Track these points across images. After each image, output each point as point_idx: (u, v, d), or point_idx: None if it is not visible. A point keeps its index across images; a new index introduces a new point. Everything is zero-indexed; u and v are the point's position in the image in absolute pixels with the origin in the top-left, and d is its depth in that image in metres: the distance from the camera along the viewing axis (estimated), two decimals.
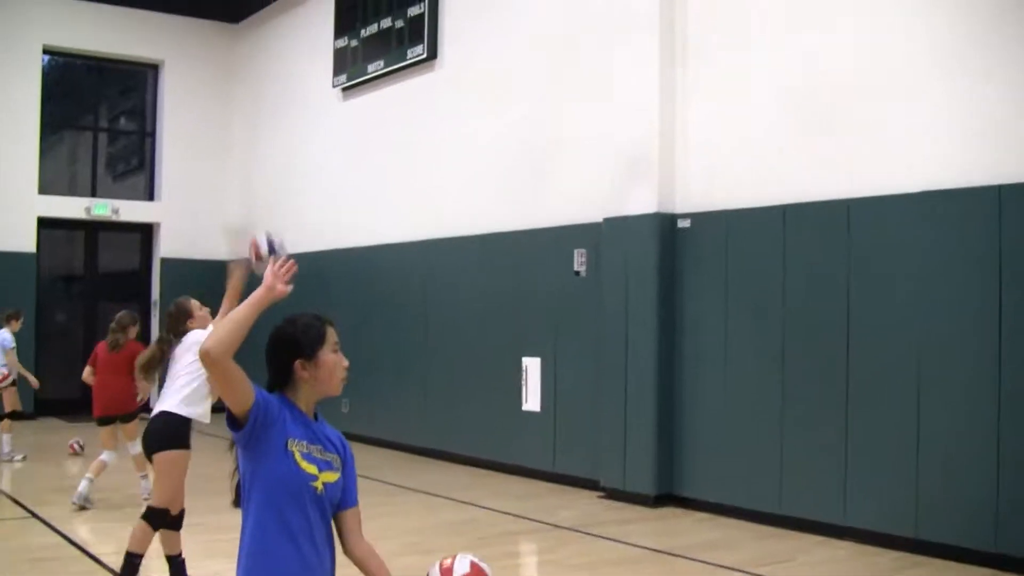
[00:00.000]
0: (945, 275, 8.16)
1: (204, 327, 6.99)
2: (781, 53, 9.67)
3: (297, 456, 3.36)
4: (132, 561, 6.72)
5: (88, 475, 10.10)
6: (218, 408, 4.45)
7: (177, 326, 7.07)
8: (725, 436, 9.89)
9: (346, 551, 3.55)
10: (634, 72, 10.74)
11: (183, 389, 6.78)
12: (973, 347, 7.95)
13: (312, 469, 3.38)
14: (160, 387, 7.11)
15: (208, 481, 6.87)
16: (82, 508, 9.92)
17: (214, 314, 6.81)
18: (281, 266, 3.47)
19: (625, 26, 10.88)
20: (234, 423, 3.32)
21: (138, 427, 9.96)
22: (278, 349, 3.50)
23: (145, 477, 10.09)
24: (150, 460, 6.83)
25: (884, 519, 8.52)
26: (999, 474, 7.72)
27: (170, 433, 6.71)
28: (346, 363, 3.58)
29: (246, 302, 3.33)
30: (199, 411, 6.86)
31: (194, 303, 7.22)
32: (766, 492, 9.47)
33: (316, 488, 3.38)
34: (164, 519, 6.75)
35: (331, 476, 3.44)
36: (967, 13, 8.26)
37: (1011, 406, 7.69)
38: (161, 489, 6.75)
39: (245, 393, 3.26)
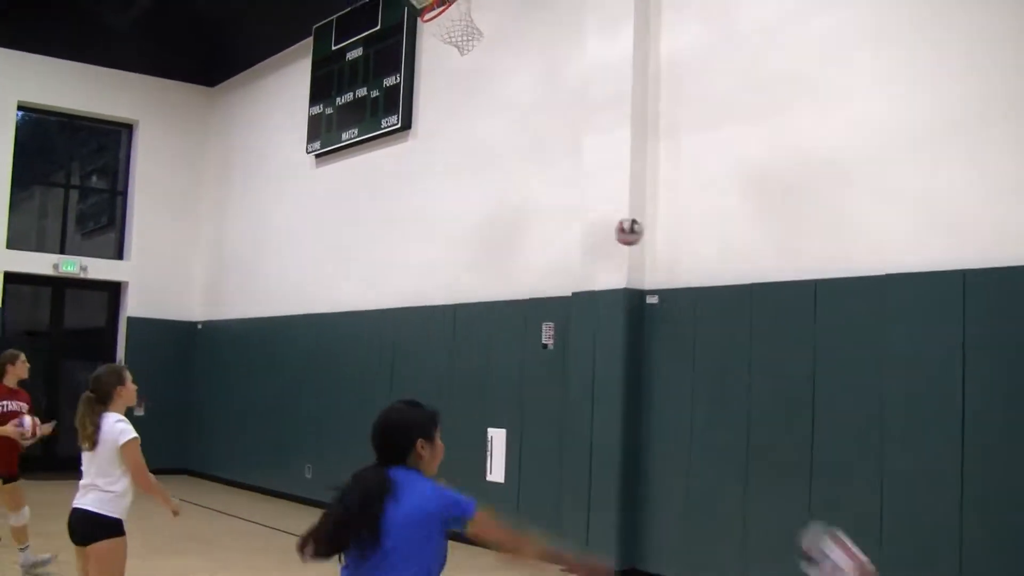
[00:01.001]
0: (909, 356, 8.28)
1: (131, 402, 6.61)
2: (750, 134, 9.84)
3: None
4: None
5: (19, 547, 9.78)
6: None
7: (108, 390, 6.54)
8: (690, 510, 9.91)
9: None
10: (605, 147, 10.89)
11: (110, 487, 6.33)
12: (937, 429, 8.05)
13: None
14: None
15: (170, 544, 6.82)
16: None
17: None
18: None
19: (597, 103, 11.04)
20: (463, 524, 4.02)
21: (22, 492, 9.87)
22: (406, 430, 4.01)
23: (24, 549, 9.82)
24: (77, 544, 6.36)
25: None
26: (962, 551, 7.79)
27: (99, 525, 6.28)
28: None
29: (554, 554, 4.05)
30: (125, 505, 6.42)
31: (130, 374, 6.74)
32: (731, 566, 9.48)
33: None
34: None
35: None
36: (933, 101, 8.44)
37: (972, 485, 7.78)
38: None
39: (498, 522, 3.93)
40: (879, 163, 8.76)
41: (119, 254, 19.66)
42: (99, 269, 19.13)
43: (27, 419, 9.21)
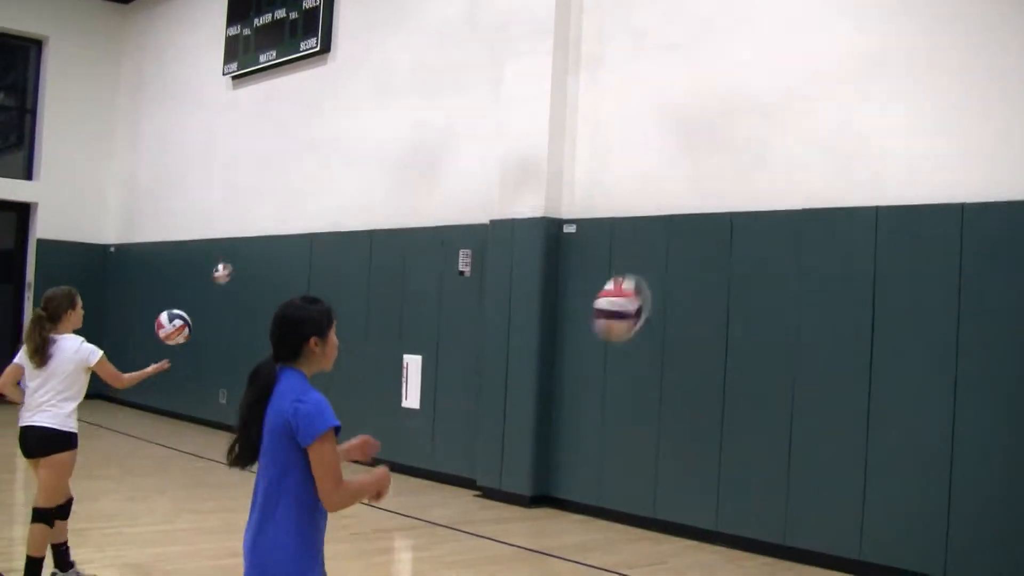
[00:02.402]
0: (823, 291, 8.41)
1: (78, 324, 7.00)
2: (670, 67, 9.85)
3: None
4: (35, 566, 6.56)
5: None
6: None
7: (59, 312, 6.88)
8: (602, 439, 10.03)
9: None
10: (527, 77, 10.83)
11: (64, 404, 6.68)
12: (845, 359, 8.21)
13: None
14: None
15: (78, 467, 6.76)
16: None
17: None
18: (385, 480, 3.96)
19: (521, 30, 10.97)
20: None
21: None
22: (297, 326, 3.88)
23: None
24: (30, 459, 6.69)
25: (754, 525, 8.74)
26: (865, 482, 7.98)
27: (57, 439, 6.60)
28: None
29: (359, 486, 3.81)
30: (76, 418, 6.78)
31: (80, 300, 7.10)
32: (641, 496, 9.63)
33: None
34: (54, 514, 6.66)
35: None
36: (851, 38, 8.51)
37: (878, 414, 7.96)
38: (50, 489, 6.61)
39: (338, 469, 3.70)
40: (799, 100, 8.82)
41: (28, 174, 19.18)
42: (7, 189, 18.66)
43: None
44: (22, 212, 19.05)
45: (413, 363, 12.05)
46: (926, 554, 7.62)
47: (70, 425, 6.67)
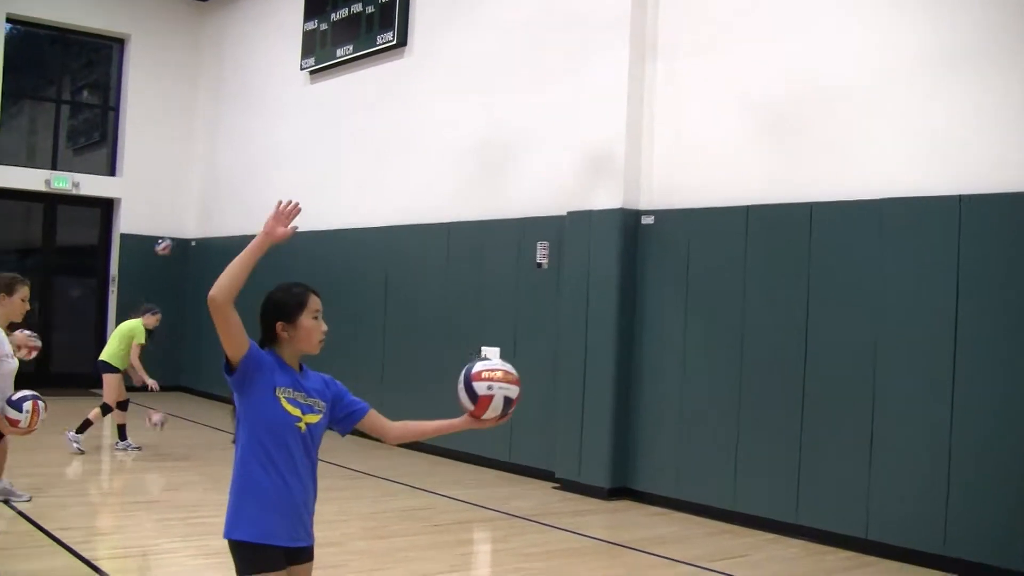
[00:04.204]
0: (903, 281, 8.28)
1: (14, 317, 7.26)
2: (748, 57, 9.76)
3: (283, 401, 3.87)
4: None
5: None
6: None
7: None
8: (681, 432, 9.97)
9: (389, 439, 4.37)
10: (604, 68, 10.79)
11: None
12: (928, 352, 8.07)
13: (296, 412, 3.90)
14: None
15: (161, 459, 6.86)
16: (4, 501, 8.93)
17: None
18: (286, 207, 3.90)
19: (597, 22, 10.92)
20: (229, 369, 3.82)
21: None
22: (266, 311, 4.00)
23: None
24: None
25: (835, 518, 8.63)
26: (950, 478, 7.85)
27: None
28: (324, 328, 4.03)
29: (245, 249, 3.76)
30: None
31: (23, 290, 7.27)
32: (720, 488, 9.56)
33: (300, 428, 3.90)
34: None
35: (313, 418, 3.96)
36: (931, 27, 8.36)
37: (963, 412, 7.82)
38: None
39: (241, 342, 3.77)
40: (877, 89, 8.69)
41: (111, 170, 19.53)
42: (91, 185, 19.01)
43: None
44: (106, 208, 19.41)
45: (492, 355, 12.05)
46: (1018, 551, 7.48)
47: None
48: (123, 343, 12.06)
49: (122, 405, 12.02)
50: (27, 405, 6.92)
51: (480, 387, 4.09)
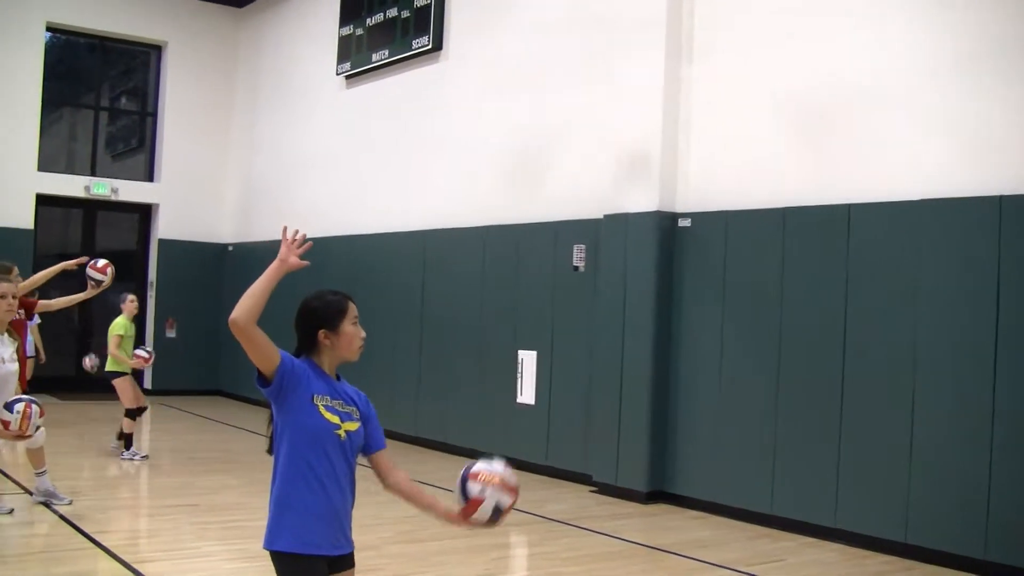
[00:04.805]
0: (943, 283, 8.21)
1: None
2: (784, 57, 9.71)
3: (321, 408, 3.87)
4: None
5: (36, 471, 9.06)
6: None
7: None
8: (718, 435, 9.93)
9: (385, 485, 4.19)
10: (639, 69, 10.76)
11: None
12: (968, 355, 8.00)
13: (335, 419, 3.90)
14: None
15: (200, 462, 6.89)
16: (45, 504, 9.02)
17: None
18: (294, 239, 3.91)
19: (632, 22, 10.90)
20: (263, 381, 3.84)
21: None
22: (305, 320, 3.98)
23: (41, 474, 9.05)
24: None
25: (874, 522, 8.57)
26: (990, 482, 7.77)
27: None
28: (363, 334, 4.04)
29: (263, 275, 3.79)
30: None
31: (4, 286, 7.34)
32: (758, 492, 9.51)
33: (339, 436, 3.90)
34: None
35: (352, 425, 3.96)
36: (971, 26, 8.28)
37: (1004, 414, 7.74)
38: None
39: (270, 355, 3.77)
40: (914, 88, 8.62)
41: (150, 176, 19.69)
42: (130, 191, 19.17)
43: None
44: (144, 213, 19.58)
45: (528, 359, 12.06)
46: None
47: None
48: (112, 345, 11.78)
49: (131, 413, 11.76)
50: (19, 407, 6.91)
51: (473, 488, 3.98)
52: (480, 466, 4.00)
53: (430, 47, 14.33)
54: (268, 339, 3.74)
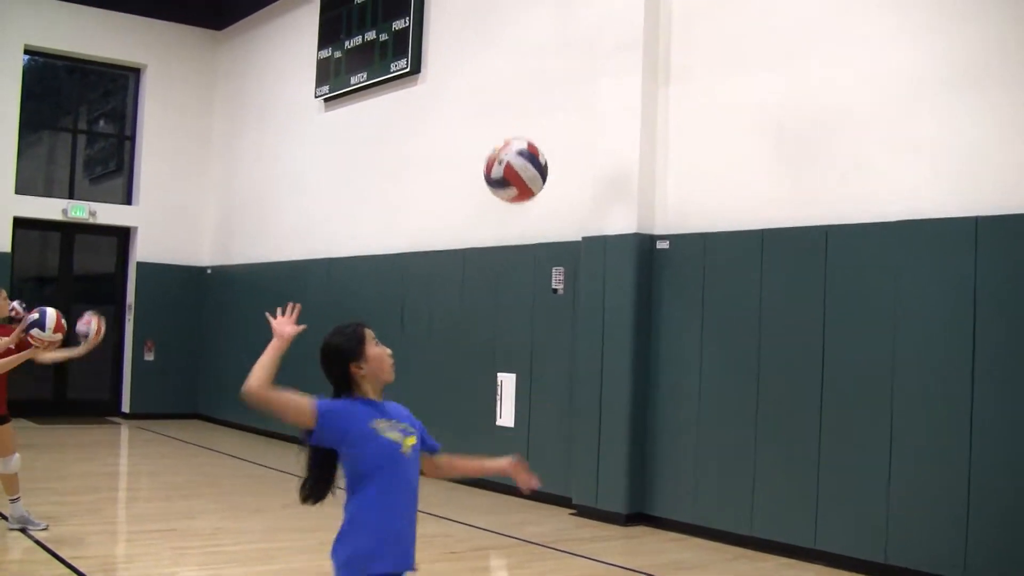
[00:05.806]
0: (920, 304, 8.25)
1: None
2: (762, 80, 9.76)
3: (381, 431, 3.97)
4: None
5: (10, 498, 8.90)
6: None
7: None
8: (698, 457, 9.94)
9: (430, 473, 4.50)
10: (617, 92, 10.81)
11: None
12: (946, 375, 8.03)
13: (397, 437, 4.02)
14: None
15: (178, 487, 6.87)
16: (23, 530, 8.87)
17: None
18: (288, 312, 4.06)
19: (610, 46, 10.95)
20: (310, 433, 3.85)
21: (12, 435, 8.97)
22: (332, 360, 4.07)
23: (15, 501, 8.92)
24: None
25: (854, 543, 8.58)
26: (969, 501, 7.80)
27: None
28: (389, 351, 4.19)
29: (267, 350, 3.82)
30: None
31: None
32: (737, 514, 9.52)
33: (405, 453, 4.03)
34: None
35: (412, 440, 4.11)
36: (947, 49, 8.35)
37: (982, 434, 7.77)
38: None
39: (301, 406, 3.80)
40: (891, 110, 8.68)
41: (128, 199, 19.63)
42: (108, 214, 19.11)
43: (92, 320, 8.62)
44: (122, 236, 19.50)
45: (508, 381, 12.06)
46: None
47: None
48: None
49: None
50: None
51: (496, 171, 4.19)
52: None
53: (408, 70, 14.36)
54: (291, 394, 3.76)
